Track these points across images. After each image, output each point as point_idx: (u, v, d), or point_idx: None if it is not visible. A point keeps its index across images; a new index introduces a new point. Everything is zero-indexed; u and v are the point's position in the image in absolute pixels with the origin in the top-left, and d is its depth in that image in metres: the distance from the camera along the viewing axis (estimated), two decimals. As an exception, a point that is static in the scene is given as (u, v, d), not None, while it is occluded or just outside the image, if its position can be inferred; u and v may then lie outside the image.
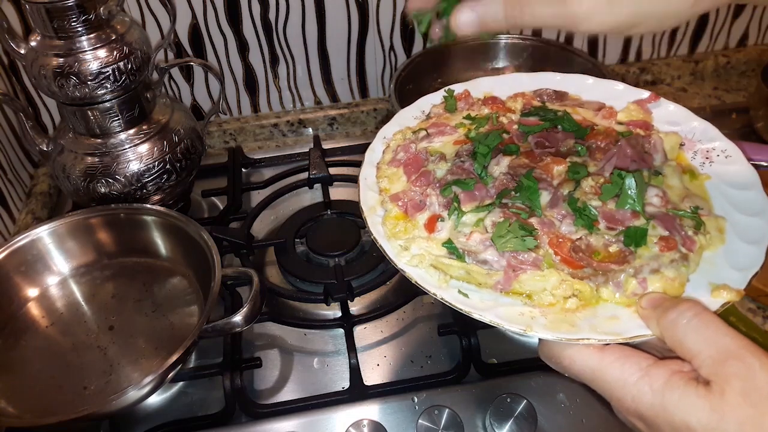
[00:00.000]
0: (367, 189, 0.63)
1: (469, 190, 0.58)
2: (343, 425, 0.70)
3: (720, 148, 0.63)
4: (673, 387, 0.43)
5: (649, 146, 0.62)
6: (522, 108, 0.69)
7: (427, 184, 0.61)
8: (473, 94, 0.73)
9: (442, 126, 0.67)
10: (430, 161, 0.63)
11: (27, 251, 0.85)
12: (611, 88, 0.71)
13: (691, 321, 0.45)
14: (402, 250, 0.56)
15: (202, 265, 0.78)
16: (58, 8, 0.80)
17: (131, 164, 0.90)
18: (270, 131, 1.25)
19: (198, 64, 1.09)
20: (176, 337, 0.78)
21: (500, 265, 0.53)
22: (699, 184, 0.61)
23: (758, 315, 0.84)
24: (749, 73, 1.33)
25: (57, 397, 0.72)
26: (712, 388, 0.42)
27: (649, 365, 0.45)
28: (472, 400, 0.72)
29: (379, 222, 0.59)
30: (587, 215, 0.55)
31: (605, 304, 0.51)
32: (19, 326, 0.81)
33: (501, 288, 0.53)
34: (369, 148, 0.67)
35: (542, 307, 0.51)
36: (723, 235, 0.55)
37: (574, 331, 0.49)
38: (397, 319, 0.86)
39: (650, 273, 0.51)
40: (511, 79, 0.75)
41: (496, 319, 0.50)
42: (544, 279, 0.52)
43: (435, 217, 0.58)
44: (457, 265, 0.54)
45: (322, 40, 1.16)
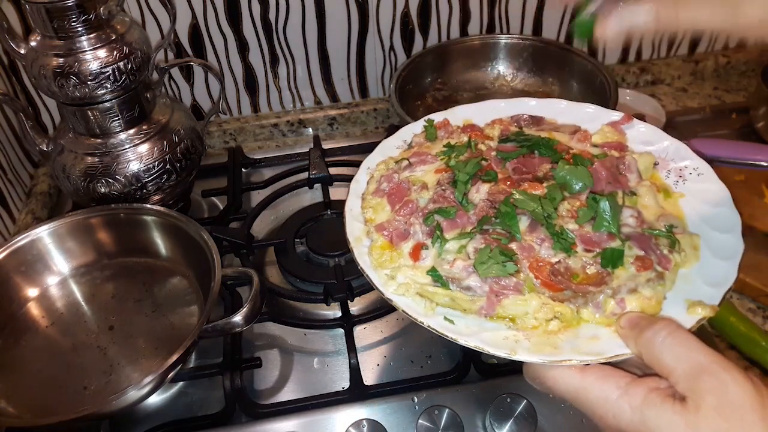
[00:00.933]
0: (353, 220, 0.64)
1: (450, 218, 0.59)
2: (343, 425, 0.70)
3: (692, 166, 0.65)
4: (651, 404, 0.45)
5: (623, 167, 0.63)
6: (500, 134, 0.70)
7: (410, 213, 0.62)
8: (452, 122, 0.74)
9: (423, 155, 0.68)
10: (413, 190, 0.64)
11: (27, 251, 0.85)
12: (583, 111, 0.73)
13: (666, 339, 0.46)
14: (389, 279, 0.58)
15: (202, 265, 0.78)
16: (58, 8, 0.80)
17: (131, 164, 0.90)
18: (270, 131, 1.25)
19: (198, 64, 1.09)
20: (176, 337, 0.78)
21: (483, 290, 0.54)
22: (673, 202, 0.62)
23: (758, 315, 0.84)
24: (749, 73, 1.33)
25: (57, 397, 0.72)
26: (688, 404, 0.43)
27: (627, 383, 0.47)
28: (472, 400, 0.72)
29: (366, 252, 0.60)
30: (565, 239, 0.56)
31: (586, 325, 0.53)
32: (19, 326, 0.81)
33: (485, 313, 0.54)
34: (354, 179, 0.69)
35: (525, 331, 0.53)
36: (697, 252, 0.57)
37: (557, 353, 0.50)
38: (397, 319, 0.86)
39: (628, 293, 0.53)
40: (488, 105, 0.76)
41: (481, 344, 0.51)
42: (525, 303, 0.53)
43: (419, 245, 0.59)
44: (442, 292, 0.55)
45: (322, 40, 1.16)
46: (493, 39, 1.19)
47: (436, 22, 1.18)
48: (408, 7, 1.15)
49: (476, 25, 1.20)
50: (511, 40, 1.18)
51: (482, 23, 1.20)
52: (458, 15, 1.18)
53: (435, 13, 1.17)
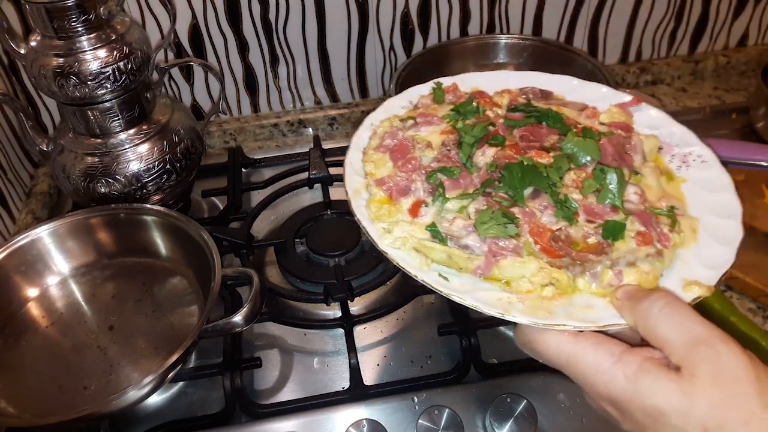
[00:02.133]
0: (353, 173, 0.64)
1: (454, 178, 0.59)
2: (343, 425, 0.70)
3: (696, 153, 0.65)
4: (646, 372, 0.44)
5: (629, 147, 0.63)
6: (508, 104, 0.70)
7: (413, 170, 0.62)
8: (461, 88, 0.74)
9: (429, 116, 0.68)
10: (417, 148, 0.64)
11: (27, 251, 0.85)
12: (596, 91, 0.73)
13: (663, 310, 0.46)
14: (385, 233, 0.57)
15: (202, 265, 0.78)
16: (58, 8, 0.80)
17: (131, 164, 0.90)
18: (270, 131, 1.25)
19: (198, 64, 1.09)
20: (176, 337, 0.78)
21: (481, 250, 0.54)
22: (675, 186, 0.63)
23: (758, 315, 0.84)
24: (749, 73, 1.33)
25: (57, 397, 0.72)
26: (683, 374, 0.43)
27: (622, 351, 0.46)
28: (472, 400, 0.72)
29: (363, 205, 0.60)
30: (568, 207, 0.56)
31: (581, 294, 0.53)
32: (19, 326, 0.81)
33: (481, 273, 0.54)
34: (355, 134, 0.68)
35: (519, 294, 0.53)
36: (696, 234, 0.57)
37: (551, 317, 0.50)
38: (397, 319, 0.86)
39: (626, 266, 0.53)
40: (498, 75, 0.76)
41: (474, 302, 0.51)
42: (523, 266, 0.53)
43: (419, 202, 0.59)
44: (439, 248, 0.55)
45: (322, 40, 1.16)
46: (493, 39, 1.18)
47: (436, 22, 1.18)
48: (408, 7, 1.15)
49: (476, 25, 1.20)
50: (511, 40, 1.18)
51: (482, 23, 1.20)
52: (458, 15, 1.18)
53: (435, 13, 1.17)
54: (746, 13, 1.27)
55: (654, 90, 1.31)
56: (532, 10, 1.20)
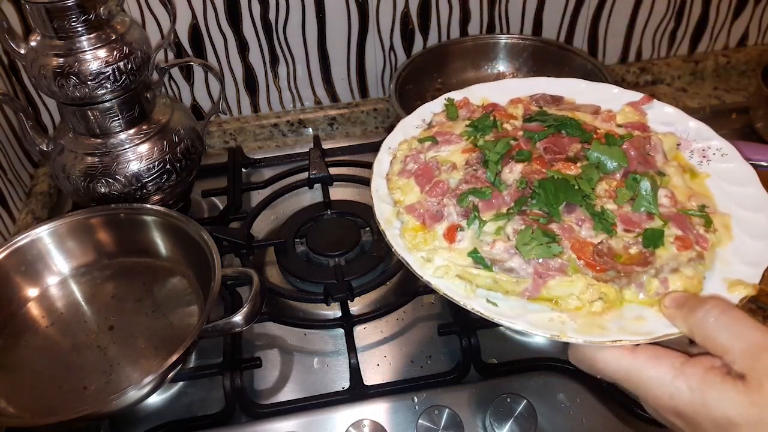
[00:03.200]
0: (381, 201, 0.62)
1: (486, 199, 0.58)
2: (343, 425, 0.70)
3: (716, 146, 0.64)
4: (711, 383, 0.44)
5: (649, 147, 0.62)
6: (523, 114, 0.69)
7: (442, 193, 0.61)
8: (471, 101, 0.73)
9: (447, 134, 0.67)
10: (442, 171, 0.63)
11: (27, 251, 0.85)
12: (605, 91, 0.72)
13: (719, 318, 0.45)
14: (425, 262, 0.56)
15: (202, 265, 0.78)
16: (58, 8, 0.80)
17: (131, 164, 0.90)
18: (270, 131, 1.25)
19: (198, 64, 1.09)
20: (176, 337, 0.78)
21: (527, 272, 0.54)
22: (700, 182, 0.62)
23: (758, 315, 0.84)
24: (749, 73, 1.33)
25: (57, 397, 0.72)
26: (749, 382, 0.42)
27: (682, 363, 0.46)
28: (472, 400, 0.72)
29: (398, 234, 0.59)
30: (606, 219, 0.55)
31: (629, 305, 0.52)
32: (19, 326, 0.81)
33: (529, 295, 0.53)
34: (376, 160, 0.67)
35: (570, 312, 0.52)
36: (729, 231, 0.56)
37: (605, 334, 0.49)
38: (397, 319, 0.86)
39: (670, 272, 0.52)
40: (506, 84, 0.75)
41: (528, 326, 0.50)
42: (571, 284, 0.53)
43: (454, 226, 0.58)
44: (485, 274, 0.54)
45: (322, 40, 1.16)
46: (493, 39, 1.18)
47: (436, 22, 1.18)
48: (408, 7, 1.15)
49: (476, 25, 1.20)
50: (511, 40, 1.18)
51: (482, 23, 1.20)
52: (458, 15, 1.18)
53: (435, 13, 1.17)
54: (746, 13, 1.27)
55: (654, 90, 1.31)
56: (532, 10, 1.20)
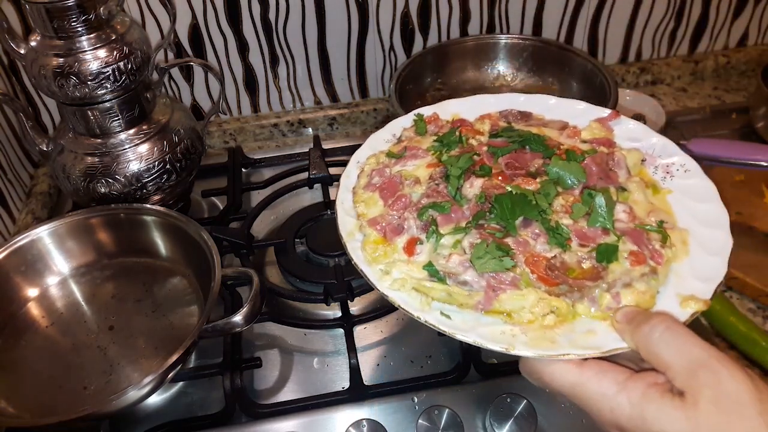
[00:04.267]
0: (345, 214, 0.64)
1: (445, 213, 0.59)
2: (343, 425, 0.70)
3: (679, 162, 0.65)
4: (650, 399, 0.45)
5: (612, 163, 0.63)
6: (489, 129, 0.70)
7: (403, 207, 0.62)
8: (442, 117, 0.74)
9: (414, 149, 0.68)
10: (405, 185, 0.64)
11: (27, 251, 0.85)
12: (573, 107, 0.73)
13: (663, 334, 0.47)
14: (383, 275, 0.57)
15: (202, 265, 0.78)
16: (58, 8, 0.80)
17: (131, 164, 0.90)
18: (270, 131, 1.25)
19: (198, 64, 1.09)
20: (176, 337, 0.78)
21: (480, 285, 0.54)
22: (662, 197, 0.63)
23: (758, 315, 0.84)
24: (749, 73, 1.33)
25: (57, 397, 0.72)
26: (686, 399, 0.44)
27: (626, 378, 0.47)
28: (472, 400, 0.72)
29: (359, 247, 0.60)
30: (560, 234, 0.56)
31: (581, 319, 0.53)
32: (19, 326, 0.81)
33: (482, 308, 0.54)
34: (344, 173, 0.69)
35: (522, 325, 0.53)
36: (687, 246, 0.57)
37: (554, 348, 0.50)
38: (397, 319, 0.86)
39: (623, 287, 0.53)
40: (477, 100, 0.76)
41: (479, 339, 0.51)
42: (523, 298, 0.53)
43: (414, 240, 0.59)
44: (439, 287, 0.55)
45: (322, 40, 1.16)
46: (493, 39, 1.18)
47: (436, 22, 1.18)
48: (408, 7, 1.15)
49: (476, 25, 1.20)
50: (511, 40, 1.18)
51: (482, 23, 1.20)
52: (458, 15, 1.18)
53: (435, 13, 1.17)
54: (746, 13, 1.27)
55: (654, 90, 1.31)
56: (532, 10, 1.20)
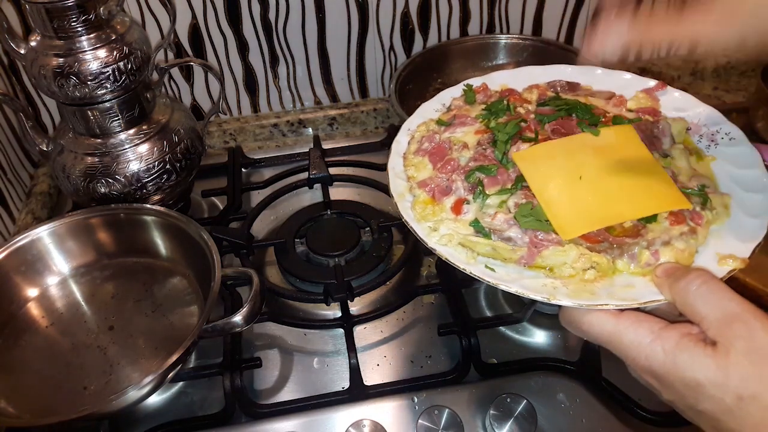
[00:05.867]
0: (396, 177, 0.67)
1: (492, 176, 0.61)
2: (343, 425, 0.70)
3: (724, 131, 0.67)
4: (683, 348, 0.47)
5: (657, 131, 0.65)
6: (537, 99, 0.72)
7: (452, 170, 0.64)
8: (490, 87, 0.76)
9: (463, 117, 0.70)
10: (454, 150, 0.67)
11: (27, 251, 0.85)
12: (620, 78, 0.74)
13: (700, 287, 0.48)
14: (431, 231, 0.60)
15: (202, 265, 0.78)
16: (58, 8, 0.80)
17: (131, 164, 0.90)
18: (270, 131, 1.25)
19: (198, 64, 1.09)
20: (176, 337, 0.78)
21: (523, 241, 0.57)
22: (705, 164, 0.65)
23: (758, 315, 0.84)
24: (749, 73, 1.33)
25: (57, 397, 0.72)
26: (718, 348, 0.46)
27: (660, 328, 0.49)
28: (472, 400, 0.72)
29: (409, 207, 0.63)
30: None
31: (621, 275, 0.55)
32: (19, 326, 0.81)
33: (525, 262, 0.57)
34: (395, 140, 0.71)
35: (563, 279, 0.55)
36: (728, 210, 0.59)
37: (593, 299, 0.52)
38: (397, 319, 0.86)
39: (662, 245, 0.55)
40: (524, 72, 0.78)
41: (521, 289, 0.53)
42: (564, 254, 0.55)
43: (461, 200, 0.62)
44: (484, 242, 0.58)
45: (322, 40, 1.16)
46: (493, 39, 1.18)
47: (436, 22, 1.18)
48: (408, 7, 1.15)
49: (476, 25, 1.20)
50: (511, 40, 1.18)
51: (482, 23, 1.20)
52: (458, 15, 1.18)
53: (435, 13, 1.17)
54: (746, 13, 1.27)
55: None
56: (532, 10, 1.20)
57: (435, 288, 0.86)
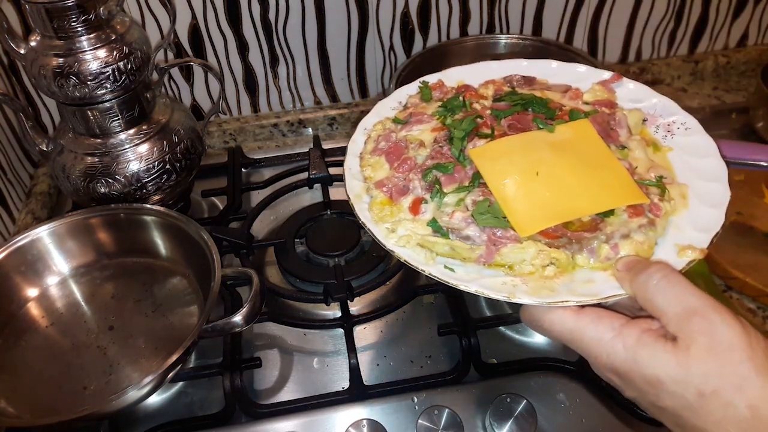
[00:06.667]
0: (352, 178, 0.66)
1: (449, 173, 0.61)
2: (343, 425, 0.70)
3: (680, 121, 0.67)
4: (644, 344, 0.47)
5: (614, 123, 0.65)
6: (493, 94, 0.71)
7: (409, 170, 0.63)
8: (446, 84, 0.75)
9: (419, 115, 0.70)
10: (411, 148, 0.66)
11: (27, 251, 0.84)
12: (575, 71, 0.74)
13: (660, 282, 0.48)
14: (389, 233, 0.59)
15: (202, 265, 0.78)
16: (58, 8, 0.80)
17: (131, 164, 0.90)
18: (270, 131, 1.25)
19: (198, 64, 1.09)
20: (176, 337, 0.78)
21: (482, 240, 0.56)
22: (662, 155, 0.65)
23: (758, 315, 0.84)
24: (749, 73, 1.33)
25: (57, 397, 0.72)
26: (679, 344, 0.45)
27: (621, 324, 0.49)
28: (472, 400, 0.72)
29: (366, 208, 0.62)
30: None
31: (581, 270, 0.55)
32: (19, 326, 0.81)
33: (484, 261, 0.56)
34: (351, 140, 0.70)
35: (523, 276, 0.55)
36: (686, 200, 0.59)
37: (553, 296, 0.52)
38: (397, 319, 0.86)
39: (621, 238, 0.55)
40: (481, 66, 0.77)
41: (481, 288, 0.53)
42: (523, 251, 0.55)
43: (419, 200, 0.61)
44: (442, 242, 0.57)
45: (322, 40, 1.16)
46: (493, 39, 1.18)
47: (436, 22, 1.18)
48: (408, 7, 1.15)
49: (476, 25, 1.20)
50: (511, 40, 1.18)
51: (482, 23, 1.20)
52: (458, 15, 1.18)
53: (435, 13, 1.17)
54: (746, 13, 1.27)
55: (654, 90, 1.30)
56: (532, 10, 1.20)
57: (435, 288, 0.86)
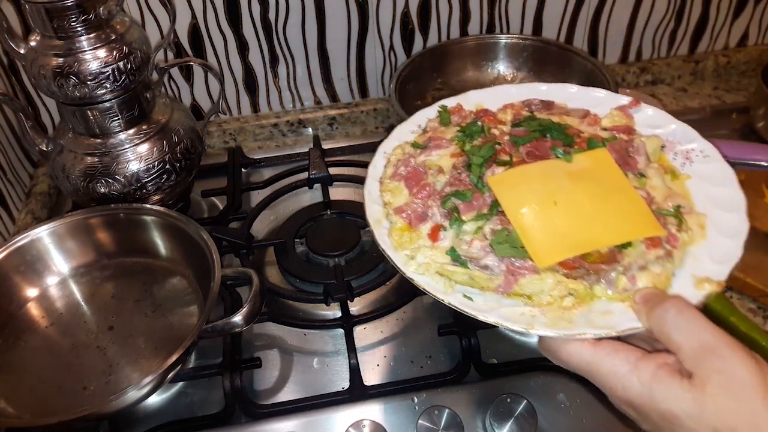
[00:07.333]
0: (372, 203, 0.66)
1: (467, 201, 0.60)
2: (343, 425, 0.70)
3: (698, 148, 0.66)
4: (660, 379, 0.47)
5: (632, 150, 0.64)
6: (512, 119, 0.71)
7: (428, 196, 0.63)
8: (465, 107, 0.75)
9: (438, 140, 0.69)
10: (429, 174, 0.66)
11: (27, 251, 0.84)
12: (593, 95, 0.74)
13: (676, 317, 0.48)
14: (409, 259, 0.59)
15: (201, 265, 0.78)
16: (58, 8, 0.80)
17: (131, 164, 0.90)
18: (270, 131, 1.25)
19: (198, 64, 1.09)
20: (176, 337, 0.78)
21: (500, 269, 0.56)
22: (680, 183, 0.64)
23: (758, 315, 0.84)
24: (749, 73, 1.33)
25: (57, 397, 0.72)
26: (695, 381, 0.46)
27: (637, 358, 0.49)
28: (472, 400, 0.72)
29: (386, 233, 0.62)
30: None
31: (599, 301, 0.55)
32: (19, 326, 0.81)
33: (502, 291, 0.56)
34: (371, 164, 0.70)
35: (541, 306, 0.54)
36: (704, 230, 0.59)
37: (571, 327, 0.52)
38: (397, 319, 0.86)
39: (638, 270, 0.55)
40: (499, 90, 0.77)
41: (499, 319, 0.53)
42: (541, 281, 0.55)
43: (438, 227, 0.61)
44: (461, 271, 0.57)
45: (322, 40, 1.16)
46: (493, 39, 1.18)
47: (436, 22, 1.18)
48: (408, 7, 1.15)
49: (476, 25, 1.20)
50: (511, 40, 1.18)
51: (482, 23, 1.20)
52: (458, 15, 1.18)
53: (435, 13, 1.17)
54: (746, 13, 1.27)
55: (654, 90, 1.31)
56: (532, 10, 1.20)
57: (435, 288, 0.86)
